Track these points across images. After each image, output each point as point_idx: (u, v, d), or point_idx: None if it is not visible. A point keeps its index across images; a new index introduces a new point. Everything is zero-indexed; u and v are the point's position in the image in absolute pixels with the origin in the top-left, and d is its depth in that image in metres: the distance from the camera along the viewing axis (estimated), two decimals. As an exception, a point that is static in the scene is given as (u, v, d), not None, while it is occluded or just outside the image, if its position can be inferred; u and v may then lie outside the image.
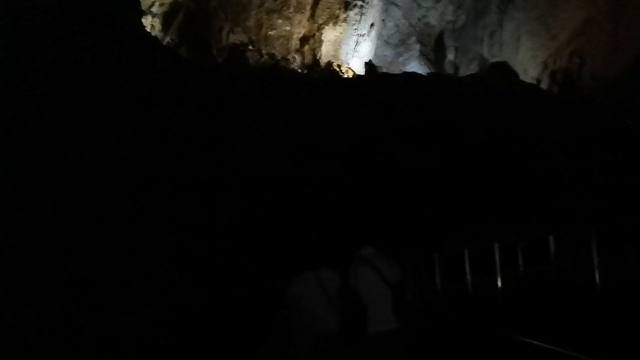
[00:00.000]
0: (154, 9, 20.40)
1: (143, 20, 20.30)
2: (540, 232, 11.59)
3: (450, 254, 10.87)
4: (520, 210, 13.67)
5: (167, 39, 19.03)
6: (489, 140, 17.10)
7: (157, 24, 19.76)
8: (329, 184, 13.67)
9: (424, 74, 23.55)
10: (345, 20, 22.46)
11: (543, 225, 12.44)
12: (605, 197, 15.15)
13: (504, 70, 22.04)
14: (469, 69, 29.70)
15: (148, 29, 19.89)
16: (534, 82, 27.24)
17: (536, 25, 30.02)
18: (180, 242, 9.96)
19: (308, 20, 21.42)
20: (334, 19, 21.91)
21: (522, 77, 25.98)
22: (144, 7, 20.93)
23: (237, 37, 19.65)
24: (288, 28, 20.86)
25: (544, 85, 27.42)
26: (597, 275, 10.73)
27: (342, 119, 17.58)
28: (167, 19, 19.42)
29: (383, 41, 27.72)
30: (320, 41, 21.77)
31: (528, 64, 30.24)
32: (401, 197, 14.38)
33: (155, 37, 15.93)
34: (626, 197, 15.29)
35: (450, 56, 31.85)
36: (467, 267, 10.91)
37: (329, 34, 21.93)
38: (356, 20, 22.98)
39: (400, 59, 28.20)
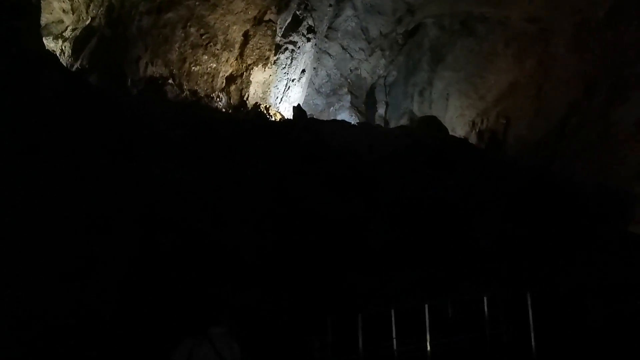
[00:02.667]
0: (66, 34, 18.73)
1: (53, 44, 18.53)
2: (473, 293, 10.62)
3: (376, 314, 9.61)
4: (450, 271, 12.71)
5: (77, 65, 17.29)
6: (417, 196, 16.29)
7: (67, 48, 18.03)
8: (245, 233, 12.21)
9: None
10: (275, 62, 21.55)
11: (474, 288, 11.50)
12: (535, 259, 14.52)
13: (434, 124, 21.71)
14: (398, 123, 29.52)
15: (57, 54, 18.13)
16: (462, 140, 27.30)
17: (465, 86, 30.49)
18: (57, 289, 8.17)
19: (236, 59, 20.31)
20: (263, 60, 20.92)
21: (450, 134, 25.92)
22: (56, 31, 19.22)
23: (156, 70, 18.15)
24: (214, 65, 19.64)
25: (471, 144, 27.51)
26: (532, 340, 9.76)
27: (266, 163, 16.30)
28: (78, 44, 17.72)
29: (314, 89, 27.08)
30: (249, 82, 20.64)
31: (456, 122, 30.49)
32: (322, 250, 13.09)
33: (52, 54, 14.16)
34: (555, 260, 14.74)
35: (381, 110, 31.77)
36: (394, 330, 9.66)
37: (258, 76, 20.88)
38: (287, 64, 22.14)
39: (332, 108, 27.61)
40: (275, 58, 21.56)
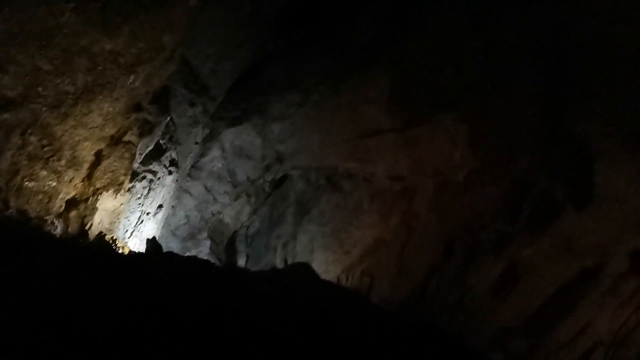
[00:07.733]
0: None
1: None
2: None
3: None
4: None
5: None
6: (294, 338, 13.59)
7: None
8: None
9: (214, 270, 20.06)
10: (129, 190, 18.65)
11: None
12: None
13: (306, 269, 19.72)
14: (260, 277, 27.11)
15: None
16: (330, 294, 25.46)
17: (330, 240, 29.40)
18: None
19: (83, 180, 17.10)
20: (116, 186, 17.94)
21: (317, 288, 23.97)
22: None
23: (-24, 178, 14.43)
24: (54, 184, 16.21)
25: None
26: None
27: (106, 306, 12.73)
28: None
29: (169, 231, 24.15)
30: (94, 208, 17.32)
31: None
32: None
33: None
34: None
35: (241, 262, 29.20)
36: None
37: (107, 202, 17.71)
38: (143, 195, 19.34)
39: (187, 254, 24.58)
40: (130, 185, 18.70)
